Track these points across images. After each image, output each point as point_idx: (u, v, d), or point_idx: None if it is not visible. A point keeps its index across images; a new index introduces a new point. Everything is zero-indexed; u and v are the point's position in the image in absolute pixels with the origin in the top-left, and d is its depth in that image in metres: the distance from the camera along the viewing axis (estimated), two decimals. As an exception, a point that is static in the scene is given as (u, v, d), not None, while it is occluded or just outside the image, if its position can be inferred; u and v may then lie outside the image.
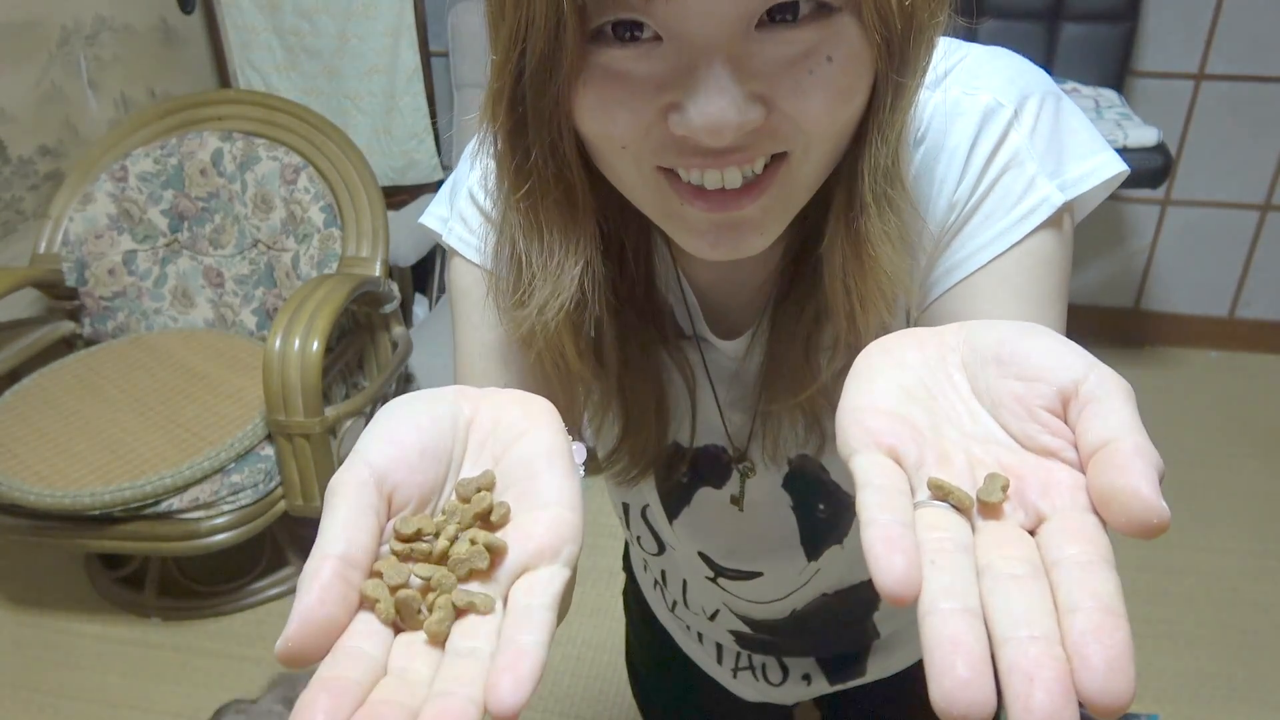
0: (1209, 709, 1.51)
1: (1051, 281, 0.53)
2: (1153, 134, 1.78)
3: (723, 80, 0.42)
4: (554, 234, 0.50)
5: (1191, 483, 2.05)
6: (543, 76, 0.44)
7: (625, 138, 0.45)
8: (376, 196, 1.88)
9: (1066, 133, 0.54)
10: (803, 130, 0.45)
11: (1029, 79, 0.54)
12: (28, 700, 1.56)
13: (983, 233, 0.53)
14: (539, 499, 0.36)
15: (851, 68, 0.44)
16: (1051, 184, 0.52)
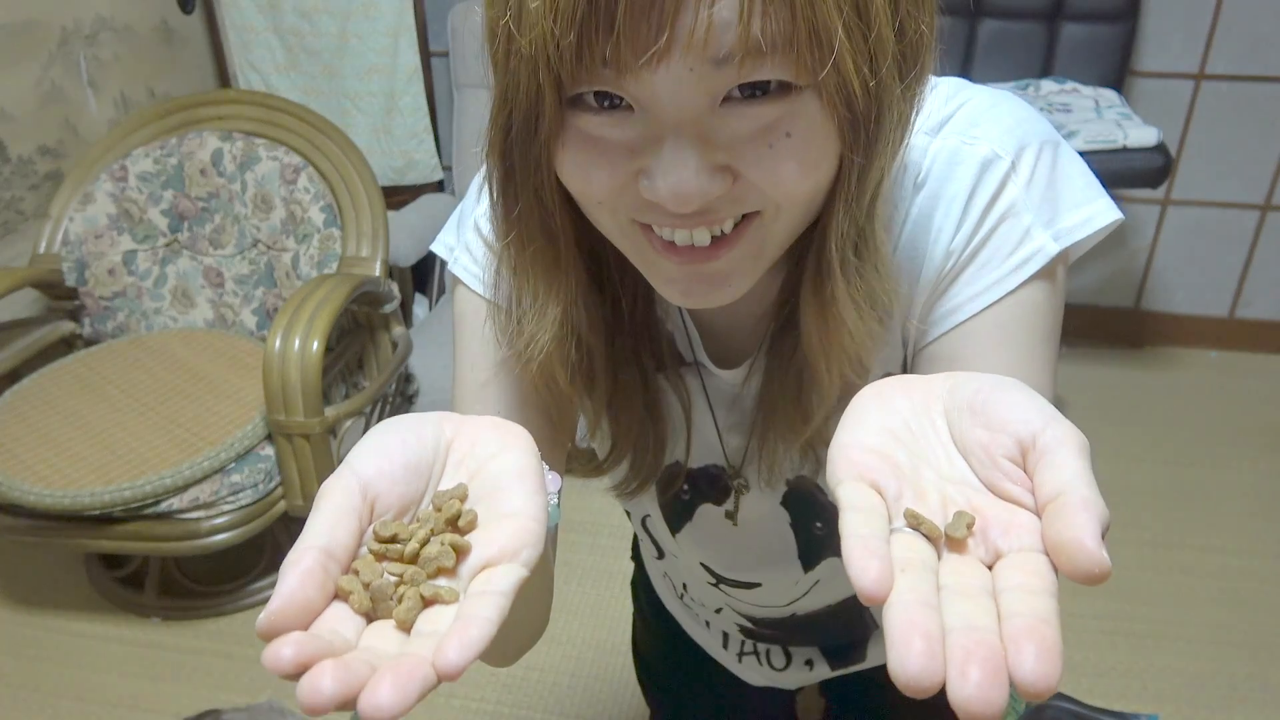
0: (1209, 709, 1.51)
1: (1043, 327, 0.56)
2: (1153, 134, 1.78)
3: (686, 154, 0.44)
4: (537, 280, 0.54)
5: (1191, 483, 2.05)
6: (527, 134, 0.47)
7: (601, 195, 0.48)
8: (376, 196, 1.88)
9: (1063, 181, 0.56)
10: (769, 196, 0.47)
11: (1027, 128, 0.56)
12: (28, 700, 1.56)
13: (978, 281, 0.55)
14: (505, 509, 0.39)
15: (812, 143, 0.46)
16: (1046, 233, 0.54)
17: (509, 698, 1.54)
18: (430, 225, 2.38)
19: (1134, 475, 2.07)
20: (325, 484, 0.38)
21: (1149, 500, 1.99)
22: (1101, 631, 1.65)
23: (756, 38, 0.41)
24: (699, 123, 0.44)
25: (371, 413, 1.76)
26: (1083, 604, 1.71)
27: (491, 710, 1.52)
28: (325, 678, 0.31)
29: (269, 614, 0.34)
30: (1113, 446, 2.17)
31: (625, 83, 0.44)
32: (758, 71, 0.43)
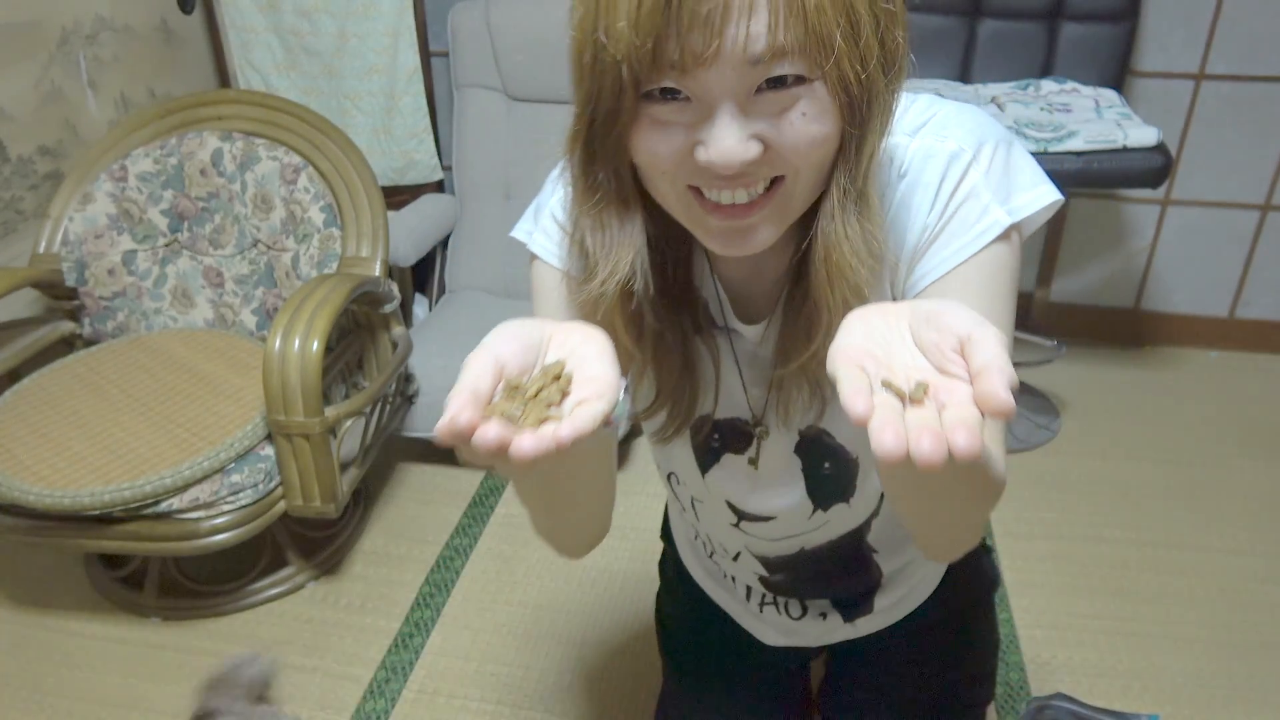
0: (1209, 709, 1.51)
1: (1001, 281, 0.72)
2: (1153, 134, 1.78)
3: (730, 127, 0.62)
4: (612, 230, 0.70)
5: (1191, 483, 2.05)
6: (609, 124, 0.64)
7: (665, 165, 0.65)
8: (376, 196, 1.88)
9: (1014, 170, 0.73)
10: (790, 162, 0.64)
11: (986, 130, 0.73)
12: (28, 700, 1.56)
13: (949, 247, 0.71)
14: (589, 374, 0.57)
15: (821, 119, 0.63)
16: (1002, 209, 0.71)
17: (509, 697, 1.54)
18: (430, 225, 2.39)
19: (1134, 475, 2.07)
20: (469, 357, 0.56)
21: (1149, 500, 1.99)
22: (1101, 631, 1.65)
23: (780, 44, 0.59)
24: (739, 104, 0.62)
25: (371, 413, 1.76)
26: (1083, 604, 1.71)
27: (491, 710, 1.52)
28: (491, 429, 0.50)
29: (448, 417, 0.51)
30: (1113, 446, 2.17)
31: (685, 80, 0.61)
32: (780, 68, 0.60)
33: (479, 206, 2.46)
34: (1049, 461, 2.12)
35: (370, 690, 1.56)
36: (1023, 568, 1.80)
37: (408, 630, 1.69)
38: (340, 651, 1.64)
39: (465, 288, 2.45)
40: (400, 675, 1.59)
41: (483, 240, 2.44)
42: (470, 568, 1.83)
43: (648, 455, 2.15)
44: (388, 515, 1.98)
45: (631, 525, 1.93)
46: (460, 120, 2.45)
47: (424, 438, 2.02)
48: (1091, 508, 1.97)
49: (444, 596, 1.76)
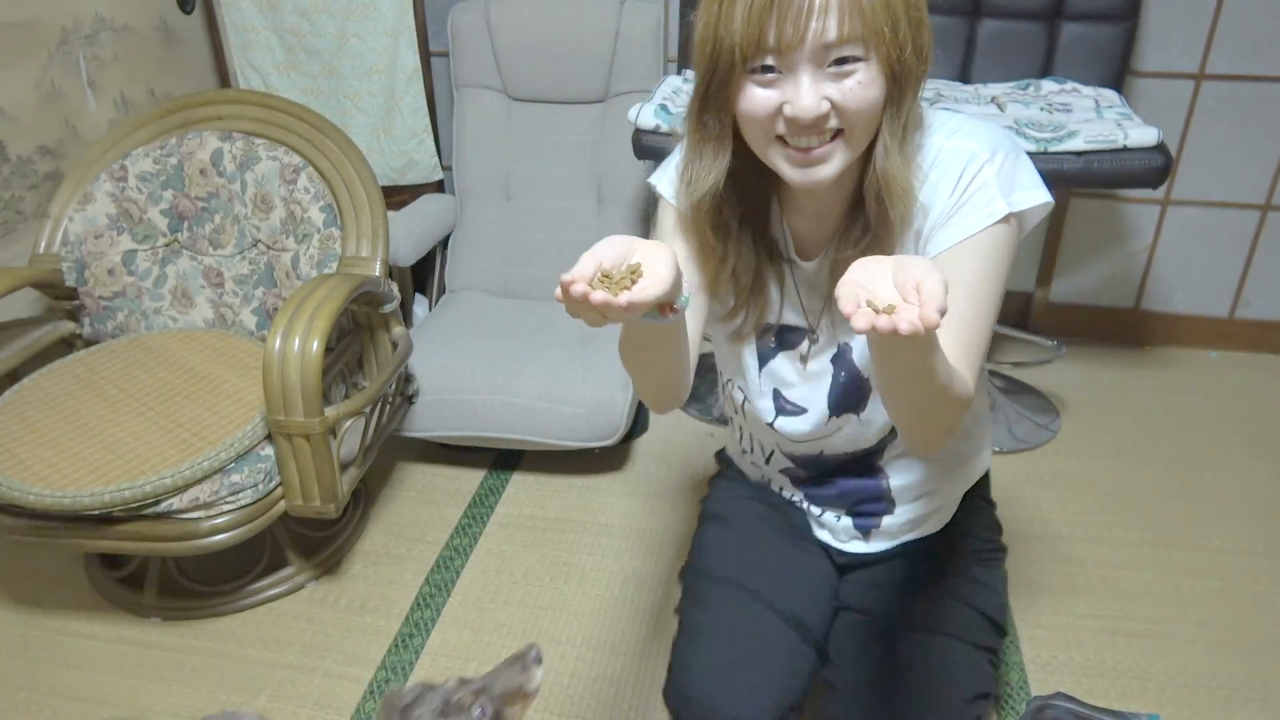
0: (1209, 709, 1.51)
1: (995, 257, 0.98)
2: (1153, 134, 1.78)
3: (809, 89, 0.91)
4: (706, 159, 1.01)
5: (1191, 483, 2.05)
6: (720, 86, 0.95)
7: (761, 118, 0.94)
8: (376, 196, 1.88)
9: (1019, 174, 0.99)
10: (848, 117, 0.93)
11: (1000, 141, 0.99)
12: (27, 700, 1.56)
13: (961, 224, 0.98)
14: (654, 270, 0.80)
15: (871, 87, 0.92)
16: (1004, 200, 0.97)
17: (509, 698, 1.54)
18: (430, 225, 2.39)
19: (1134, 475, 2.07)
20: (582, 256, 0.79)
21: (1149, 500, 1.99)
22: (1101, 631, 1.65)
23: (845, 35, 0.89)
24: (814, 76, 0.91)
25: (371, 413, 1.76)
26: (1083, 604, 1.71)
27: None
28: (579, 286, 0.75)
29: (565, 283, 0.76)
30: (1113, 446, 2.17)
31: (779, 59, 0.91)
32: (844, 50, 0.90)
33: (479, 206, 2.46)
34: (1049, 461, 2.12)
35: (370, 690, 1.56)
36: (1023, 568, 1.80)
37: (408, 630, 1.69)
38: (340, 651, 1.64)
39: (465, 288, 2.45)
40: (400, 675, 1.59)
41: (483, 240, 2.44)
42: (470, 568, 1.83)
43: (648, 456, 2.15)
44: (388, 515, 1.98)
45: (632, 525, 1.93)
46: (460, 120, 2.45)
47: (424, 438, 2.03)
48: (1091, 508, 1.97)
49: (444, 596, 1.76)
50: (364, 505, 1.99)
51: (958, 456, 1.23)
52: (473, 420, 1.98)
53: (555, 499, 2.02)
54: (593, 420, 1.94)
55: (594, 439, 1.96)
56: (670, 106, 1.97)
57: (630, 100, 2.27)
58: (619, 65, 2.33)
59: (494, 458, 2.15)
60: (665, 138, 1.93)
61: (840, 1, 0.88)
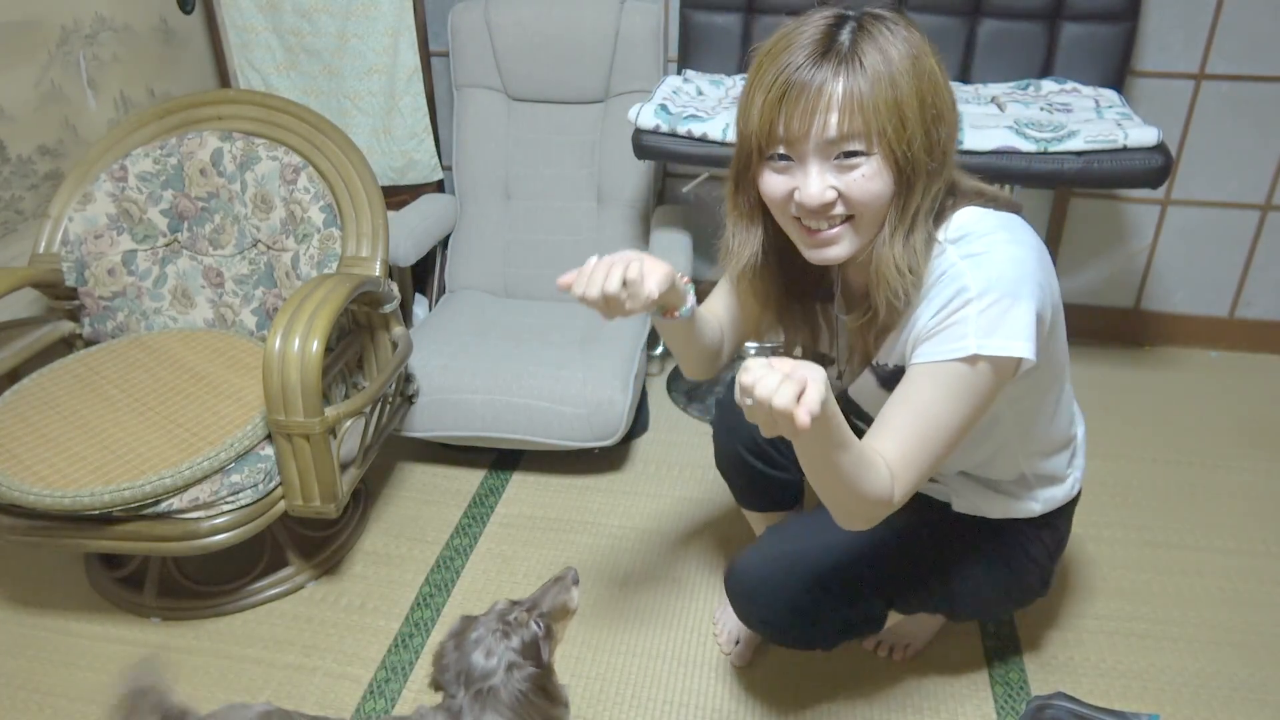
0: (1209, 709, 1.51)
1: (954, 389, 1.03)
2: (1153, 134, 1.78)
3: (816, 180, 1.01)
4: (742, 234, 1.15)
5: (1191, 483, 2.05)
6: (745, 171, 1.09)
7: (776, 200, 1.06)
8: (376, 196, 1.88)
9: (1007, 321, 1.01)
10: (854, 205, 1.02)
11: (1002, 283, 1.01)
12: (27, 700, 1.56)
13: (931, 348, 1.04)
14: (653, 274, 1.06)
15: (875, 179, 1.00)
16: (976, 341, 1.01)
17: (509, 698, 1.54)
18: (430, 225, 2.39)
19: (1134, 475, 2.07)
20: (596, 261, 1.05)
21: (1149, 500, 1.99)
22: (1101, 631, 1.65)
23: (845, 132, 0.98)
24: (821, 167, 1.01)
25: (371, 413, 1.76)
26: (1083, 604, 1.71)
27: (491, 710, 1.52)
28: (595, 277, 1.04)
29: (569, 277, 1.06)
30: (1113, 446, 2.17)
31: (789, 149, 1.02)
32: (848, 145, 0.99)
33: (479, 206, 2.46)
34: (1049, 461, 2.12)
35: (370, 690, 1.56)
36: (1023, 568, 1.80)
37: (408, 630, 1.69)
38: (340, 651, 1.64)
39: (465, 288, 2.45)
40: (400, 675, 1.59)
41: (483, 240, 2.44)
42: (470, 568, 1.83)
43: (648, 456, 2.15)
44: (388, 515, 1.98)
45: (632, 525, 1.93)
46: (460, 120, 2.45)
47: (424, 438, 2.03)
48: (1092, 508, 1.97)
49: (444, 596, 1.76)
50: (364, 505, 1.99)
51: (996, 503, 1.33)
52: (473, 420, 1.98)
53: (555, 499, 2.02)
54: (593, 420, 1.94)
55: (594, 439, 1.96)
56: (670, 106, 1.97)
57: (630, 100, 2.27)
58: (619, 65, 2.33)
59: (494, 458, 2.15)
60: (665, 138, 1.93)
61: (844, 100, 0.96)
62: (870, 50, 0.96)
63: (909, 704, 1.52)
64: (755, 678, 1.57)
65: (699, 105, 2.02)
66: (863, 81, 0.96)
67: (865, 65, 0.96)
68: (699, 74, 2.28)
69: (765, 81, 1.00)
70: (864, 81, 0.96)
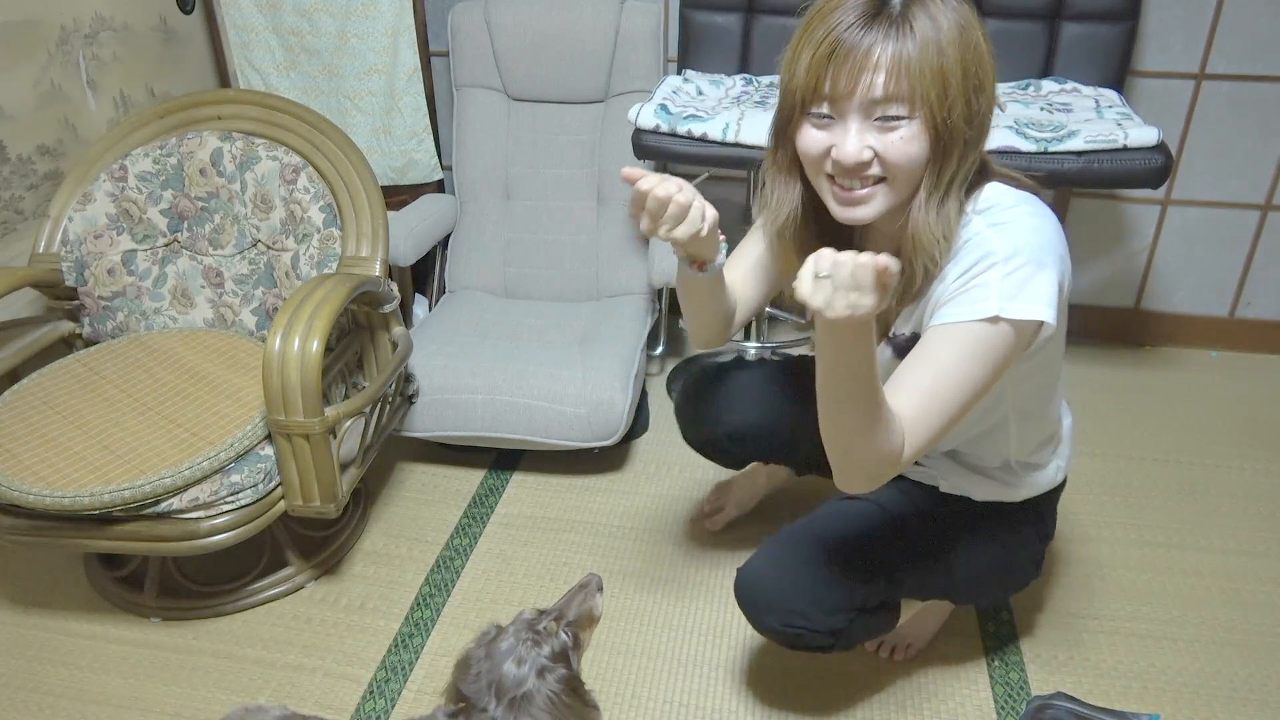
0: (1209, 709, 1.51)
1: (973, 350, 1.05)
2: (1153, 134, 1.78)
3: (854, 138, 1.03)
4: (779, 186, 1.17)
5: (1191, 483, 2.05)
6: (786, 125, 1.10)
7: (814, 156, 1.08)
8: (376, 196, 1.88)
9: (1030, 287, 1.04)
10: (889, 167, 1.04)
11: (1029, 250, 1.04)
12: (27, 700, 1.56)
13: (953, 309, 1.06)
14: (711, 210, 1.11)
15: (913, 143, 1.02)
16: (998, 304, 1.03)
17: (509, 698, 1.54)
18: (430, 225, 2.39)
19: (1134, 475, 2.07)
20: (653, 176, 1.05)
21: (1149, 500, 1.99)
22: (1101, 631, 1.65)
23: (890, 93, 1.00)
24: (860, 126, 1.03)
25: (371, 413, 1.76)
26: (1083, 604, 1.71)
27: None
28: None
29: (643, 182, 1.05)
30: (1113, 446, 2.17)
31: (832, 107, 1.04)
32: (889, 109, 1.01)
33: (479, 206, 2.46)
34: (1049, 461, 2.12)
35: (370, 690, 1.56)
36: (1023, 568, 1.80)
37: (408, 630, 1.69)
38: (340, 651, 1.64)
39: (465, 288, 2.45)
40: (400, 675, 1.59)
41: (483, 240, 2.44)
42: (470, 568, 1.83)
43: (648, 456, 2.15)
44: (388, 515, 1.98)
45: (632, 525, 1.93)
46: (460, 120, 2.45)
47: (424, 438, 2.02)
48: (1091, 508, 1.97)
49: (444, 596, 1.76)
50: (364, 505, 1.99)
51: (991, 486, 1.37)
52: (473, 420, 1.98)
53: (555, 499, 2.02)
54: (593, 420, 1.94)
55: (594, 439, 1.96)
56: (670, 106, 1.97)
57: (630, 100, 2.27)
58: (619, 65, 2.33)
59: (494, 458, 2.15)
60: (665, 138, 1.93)
61: (892, 63, 0.98)
62: (921, 16, 0.98)
63: (909, 704, 1.52)
64: (755, 678, 1.57)
65: (699, 105, 2.02)
66: (911, 46, 0.98)
67: (915, 30, 0.98)
68: (699, 74, 2.28)
69: (815, 38, 1.01)
70: (912, 46, 0.98)
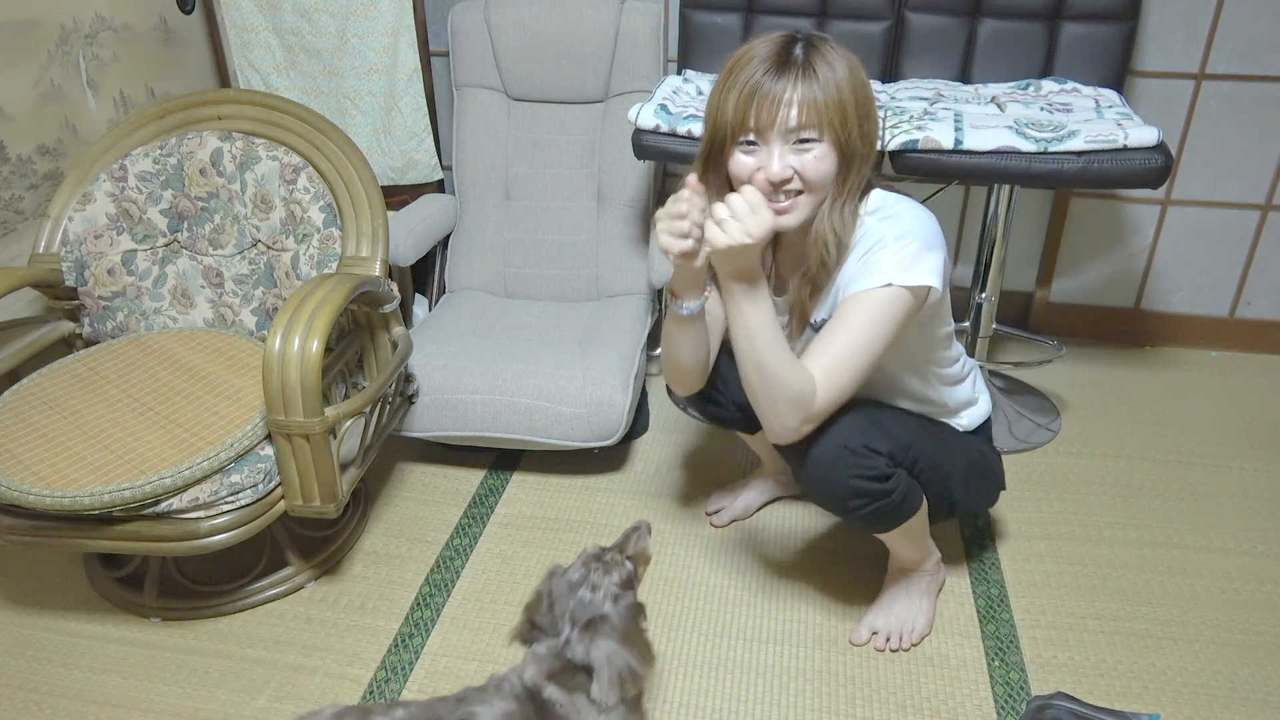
0: (1209, 709, 1.51)
1: (875, 312, 1.30)
2: (1153, 134, 1.78)
3: (777, 160, 1.29)
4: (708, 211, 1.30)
5: (1191, 483, 2.05)
6: (718, 152, 1.34)
7: (744, 176, 1.31)
8: (376, 196, 1.88)
9: (919, 262, 1.30)
10: (807, 183, 1.30)
11: (912, 230, 1.32)
12: (27, 700, 1.56)
13: (857, 283, 1.32)
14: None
15: (824, 160, 1.29)
16: (892, 273, 1.29)
17: (509, 698, 1.54)
18: (430, 225, 2.39)
19: (1134, 475, 2.07)
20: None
21: (1149, 500, 1.99)
22: (1101, 631, 1.65)
23: (802, 123, 1.27)
24: (781, 150, 1.28)
25: (371, 413, 1.76)
26: (1083, 604, 1.71)
27: (491, 710, 1.52)
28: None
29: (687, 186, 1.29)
30: (1113, 446, 2.17)
31: (757, 136, 1.29)
32: (803, 134, 1.28)
33: (479, 206, 2.46)
34: (1049, 461, 2.12)
35: (370, 690, 1.56)
36: (1023, 568, 1.80)
37: (408, 630, 1.69)
38: (340, 651, 1.64)
39: (465, 288, 2.45)
40: (400, 675, 1.59)
41: (483, 240, 2.44)
42: (470, 568, 1.83)
43: (648, 456, 2.15)
44: (388, 515, 1.98)
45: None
46: (460, 120, 2.45)
47: (424, 438, 2.02)
48: (1091, 508, 1.97)
49: (444, 596, 1.76)
50: (364, 505, 1.99)
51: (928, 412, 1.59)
52: (473, 420, 1.98)
53: (555, 499, 2.02)
54: (593, 420, 1.94)
55: (594, 439, 1.96)
56: (670, 106, 1.97)
57: (630, 100, 2.27)
58: (619, 65, 2.33)
59: (494, 458, 2.15)
60: (665, 138, 1.93)
61: (801, 99, 1.25)
62: (820, 63, 1.26)
63: (909, 704, 1.52)
64: (755, 678, 1.57)
65: (699, 105, 2.02)
66: (815, 86, 1.26)
67: (817, 73, 1.26)
68: (699, 74, 2.28)
69: (738, 84, 1.28)
70: (817, 86, 1.26)
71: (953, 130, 1.79)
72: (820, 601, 1.73)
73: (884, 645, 1.61)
